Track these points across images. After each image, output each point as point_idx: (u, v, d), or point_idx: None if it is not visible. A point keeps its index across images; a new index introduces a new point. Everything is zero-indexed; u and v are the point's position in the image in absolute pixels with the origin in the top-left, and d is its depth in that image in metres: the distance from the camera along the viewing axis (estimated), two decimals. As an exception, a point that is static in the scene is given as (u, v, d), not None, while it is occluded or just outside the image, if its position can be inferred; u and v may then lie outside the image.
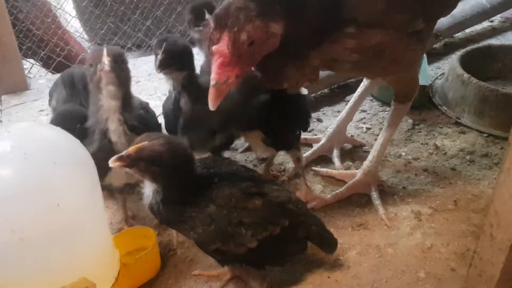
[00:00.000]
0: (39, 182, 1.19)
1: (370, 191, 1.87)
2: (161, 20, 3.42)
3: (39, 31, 3.14)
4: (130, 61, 2.96)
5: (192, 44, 1.75)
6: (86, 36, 3.58)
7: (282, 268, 1.56)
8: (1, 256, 1.17)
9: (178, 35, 2.70)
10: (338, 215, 1.81)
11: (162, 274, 1.59)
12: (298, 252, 1.53)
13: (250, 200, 1.39)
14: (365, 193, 1.88)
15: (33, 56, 3.22)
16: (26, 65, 2.99)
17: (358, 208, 1.85)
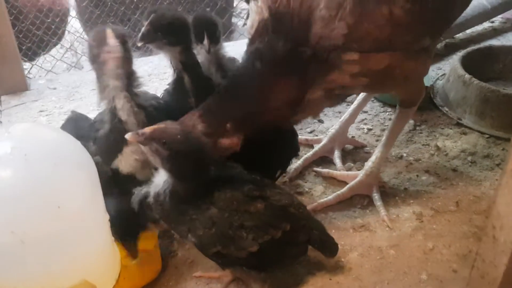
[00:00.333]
0: (40, 184, 1.18)
1: (372, 192, 1.86)
2: (161, 21, 3.42)
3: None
4: (131, 62, 3.00)
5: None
6: (87, 37, 3.58)
7: (284, 270, 1.55)
8: (2, 258, 1.17)
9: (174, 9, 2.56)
10: (340, 216, 1.80)
11: (163, 276, 1.59)
12: (299, 256, 1.52)
13: (252, 204, 1.38)
14: (367, 194, 1.87)
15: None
16: (26, 66, 2.98)
17: (360, 209, 1.84)
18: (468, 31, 3.12)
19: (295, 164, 2.02)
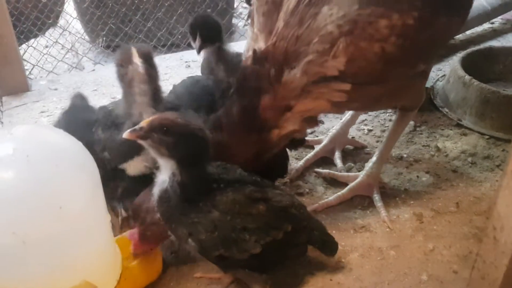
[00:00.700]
0: (42, 185, 1.19)
1: (372, 193, 1.86)
2: (162, 22, 3.42)
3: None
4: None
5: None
6: (88, 37, 3.58)
7: (284, 271, 1.55)
8: (4, 259, 1.17)
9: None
10: (340, 217, 1.80)
11: (164, 277, 1.59)
12: (299, 256, 1.52)
13: (254, 206, 1.38)
14: (367, 195, 1.87)
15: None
16: (27, 66, 2.98)
17: (360, 210, 1.84)
18: (468, 32, 3.13)
19: (296, 165, 2.02)
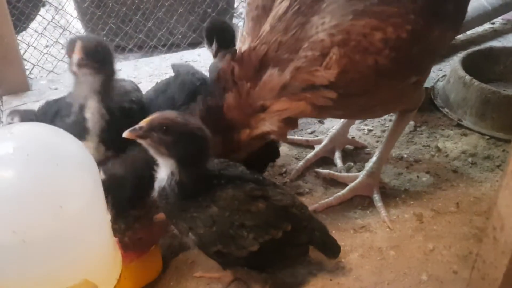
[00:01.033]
0: (42, 184, 1.19)
1: (372, 193, 1.86)
2: (163, 21, 3.42)
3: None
4: (131, 62, 3.00)
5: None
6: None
7: (284, 271, 1.55)
8: (3, 258, 1.17)
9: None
10: (340, 217, 1.80)
11: (164, 276, 1.59)
12: (300, 256, 1.52)
13: (254, 203, 1.38)
14: (367, 195, 1.88)
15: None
16: (27, 66, 2.98)
17: (360, 210, 1.85)
18: (469, 32, 3.12)
19: (297, 165, 2.02)
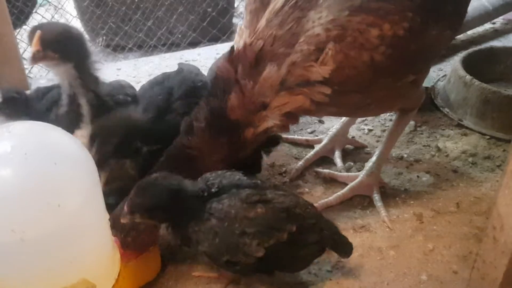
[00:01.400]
0: (40, 183, 1.18)
1: (372, 193, 1.86)
2: (162, 21, 3.42)
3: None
4: (131, 62, 3.00)
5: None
6: (88, 36, 3.58)
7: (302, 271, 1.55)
8: (2, 257, 1.17)
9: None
10: (340, 217, 1.80)
11: (163, 276, 1.59)
12: (313, 257, 1.48)
13: (252, 209, 1.37)
14: (367, 195, 1.87)
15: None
16: (27, 65, 2.97)
17: (360, 210, 1.84)
18: (469, 32, 3.12)
19: (296, 165, 2.02)
